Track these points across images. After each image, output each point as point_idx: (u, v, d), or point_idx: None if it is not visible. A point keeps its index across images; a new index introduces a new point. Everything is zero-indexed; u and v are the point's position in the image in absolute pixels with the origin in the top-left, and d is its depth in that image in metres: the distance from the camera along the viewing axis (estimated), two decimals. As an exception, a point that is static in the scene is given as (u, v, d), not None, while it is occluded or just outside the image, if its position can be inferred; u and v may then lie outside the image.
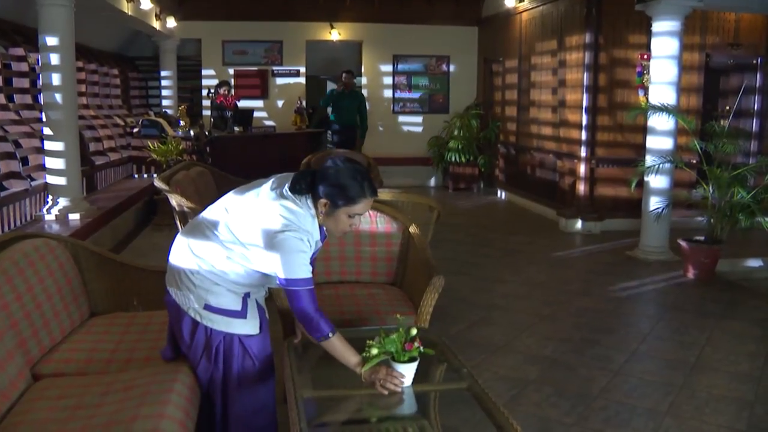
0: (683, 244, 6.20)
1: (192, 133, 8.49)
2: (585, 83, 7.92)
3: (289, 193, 2.45)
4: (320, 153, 8.20)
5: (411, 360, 2.47)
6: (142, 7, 7.75)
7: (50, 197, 6.00)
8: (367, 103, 10.56)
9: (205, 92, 10.67)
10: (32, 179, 6.11)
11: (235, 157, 8.37)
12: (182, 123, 8.79)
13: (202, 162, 7.99)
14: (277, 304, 3.42)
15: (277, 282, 2.45)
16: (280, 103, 11.29)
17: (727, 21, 8.19)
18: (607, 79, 7.98)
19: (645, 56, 7.60)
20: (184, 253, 2.57)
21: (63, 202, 5.97)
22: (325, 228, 2.57)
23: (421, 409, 2.86)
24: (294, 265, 2.39)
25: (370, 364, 2.44)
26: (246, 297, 2.58)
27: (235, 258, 2.50)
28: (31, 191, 5.95)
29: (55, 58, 5.78)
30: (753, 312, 5.26)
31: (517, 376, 3.99)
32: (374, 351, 2.44)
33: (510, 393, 3.77)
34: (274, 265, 2.41)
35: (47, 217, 5.91)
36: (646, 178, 6.72)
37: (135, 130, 8.85)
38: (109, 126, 8.48)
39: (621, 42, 7.91)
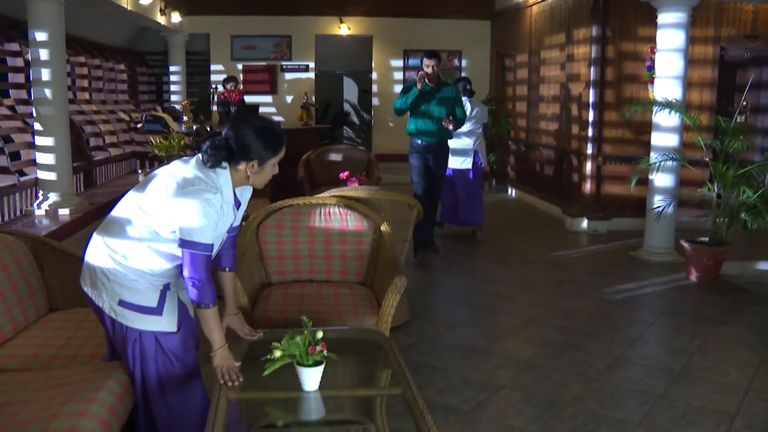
0: (686, 245, 5.95)
1: (194, 128, 8.46)
2: (592, 78, 7.69)
3: (200, 162, 2.47)
4: (320, 149, 8.10)
5: (316, 364, 2.36)
6: (141, 1, 7.72)
7: (40, 192, 6.00)
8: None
9: (213, 87, 10.65)
10: (23, 174, 6.11)
11: (236, 152, 8.29)
12: (185, 118, 8.77)
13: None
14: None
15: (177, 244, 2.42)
16: (289, 99, 11.23)
17: (744, 12, 7.85)
18: (615, 74, 7.73)
19: (654, 50, 7.33)
20: (100, 250, 2.52)
21: (53, 197, 5.95)
22: (250, 184, 2.60)
23: (368, 413, 2.77)
24: (196, 228, 2.37)
25: (273, 367, 2.35)
26: (165, 290, 2.53)
27: (151, 246, 2.45)
28: (19, 186, 5.94)
29: (44, 54, 5.76)
30: (752, 317, 5.01)
31: (488, 381, 3.83)
32: (277, 354, 2.36)
33: (477, 398, 3.62)
34: (178, 224, 2.39)
35: (37, 212, 5.90)
36: (650, 176, 6.48)
37: (138, 125, 8.85)
38: (112, 121, 8.48)
39: (629, 35, 7.65)
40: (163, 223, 2.41)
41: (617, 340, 4.53)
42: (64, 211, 5.93)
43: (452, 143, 6.50)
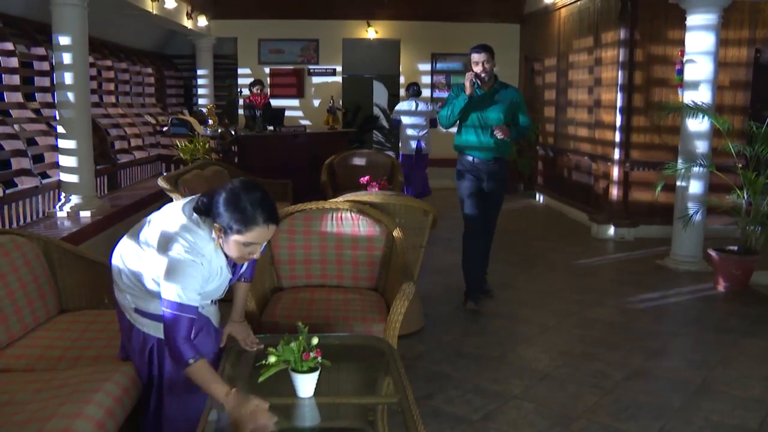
0: (713, 253, 5.77)
1: (219, 131, 8.51)
2: (620, 82, 7.52)
3: (194, 213, 2.37)
4: (344, 153, 8.06)
5: (311, 370, 2.32)
6: (166, 6, 7.78)
7: (62, 195, 6.07)
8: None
9: (239, 91, 10.71)
10: (46, 177, 6.19)
11: (261, 156, 8.29)
12: (210, 122, 8.83)
13: (228, 161, 7.99)
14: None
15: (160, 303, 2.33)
16: (316, 103, 11.24)
17: (780, 13, 7.61)
18: (643, 78, 7.56)
19: (684, 53, 7.14)
20: (118, 261, 2.58)
21: (75, 199, 6.02)
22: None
23: (370, 420, 2.72)
24: (178, 288, 2.26)
25: (268, 373, 2.31)
26: None
27: (153, 277, 2.47)
28: (42, 188, 6.02)
29: (67, 57, 5.83)
30: (781, 330, 4.82)
31: (499, 391, 3.74)
32: (272, 359, 2.32)
33: (487, 408, 3.53)
34: (161, 283, 2.30)
35: (59, 214, 5.97)
36: (678, 183, 6.31)
37: (165, 128, 8.94)
38: (138, 124, 8.57)
39: (659, 38, 7.47)
40: (156, 270, 2.41)
41: (637, 351, 4.39)
42: (85, 214, 5.99)
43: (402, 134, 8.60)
